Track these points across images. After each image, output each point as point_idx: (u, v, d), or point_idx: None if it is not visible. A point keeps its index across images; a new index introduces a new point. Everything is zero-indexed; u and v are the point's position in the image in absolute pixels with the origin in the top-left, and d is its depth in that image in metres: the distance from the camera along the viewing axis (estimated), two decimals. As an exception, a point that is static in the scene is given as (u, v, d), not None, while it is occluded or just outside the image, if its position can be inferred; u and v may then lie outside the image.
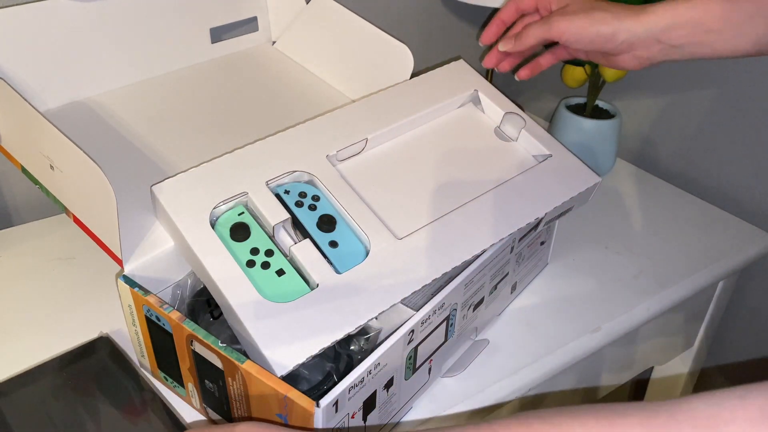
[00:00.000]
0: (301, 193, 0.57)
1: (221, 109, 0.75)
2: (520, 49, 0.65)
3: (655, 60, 0.60)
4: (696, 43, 0.57)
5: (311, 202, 0.57)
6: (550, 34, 0.62)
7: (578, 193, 0.62)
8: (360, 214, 0.56)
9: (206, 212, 0.54)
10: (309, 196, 0.57)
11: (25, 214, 0.86)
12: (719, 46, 0.57)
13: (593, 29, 0.60)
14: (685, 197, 0.92)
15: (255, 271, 0.52)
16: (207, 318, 0.57)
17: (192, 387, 0.56)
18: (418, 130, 0.65)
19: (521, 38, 0.64)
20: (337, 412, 0.47)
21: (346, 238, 0.56)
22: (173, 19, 0.78)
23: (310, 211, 0.57)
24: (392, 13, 1.05)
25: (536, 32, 0.63)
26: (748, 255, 0.82)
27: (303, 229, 0.56)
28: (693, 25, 0.56)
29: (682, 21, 0.57)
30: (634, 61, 0.61)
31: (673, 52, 0.59)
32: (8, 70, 0.68)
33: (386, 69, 0.73)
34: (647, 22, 0.58)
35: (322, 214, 0.56)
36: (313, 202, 0.57)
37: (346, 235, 0.56)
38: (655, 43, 0.58)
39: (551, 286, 0.75)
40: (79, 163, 0.54)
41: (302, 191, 0.58)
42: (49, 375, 0.58)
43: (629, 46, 0.60)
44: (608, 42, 0.60)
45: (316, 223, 0.56)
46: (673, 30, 0.57)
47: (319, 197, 0.58)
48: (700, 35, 0.57)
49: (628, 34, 0.59)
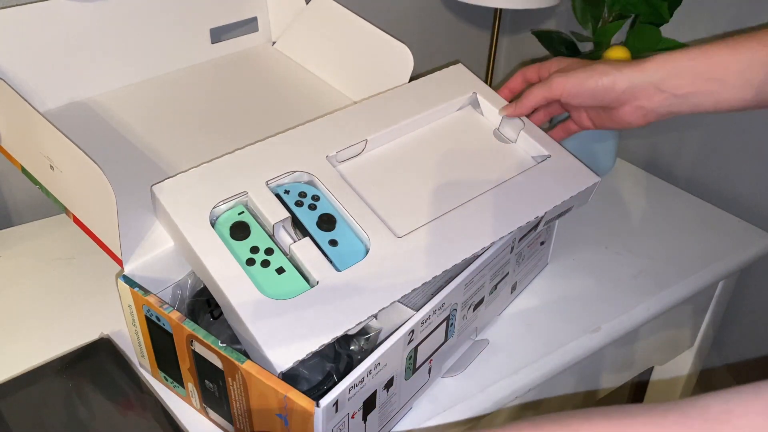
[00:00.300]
0: (301, 192, 0.57)
1: (221, 110, 0.75)
2: (522, 112, 0.64)
3: (660, 112, 0.59)
4: (699, 93, 0.56)
5: (311, 201, 0.57)
6: (550, 92, 0.61)
7: (577, 193, 0.62)
8: (360, 213, 0.56)
9: (206, 212, 0.54)
10: (309, 196, 0.57)
11: (25, 214, 0.86)
12: (723, 95, 0.56)
13: (592, 80, 0.59)
14: (685, 197, 0.92)
15: (255, 270, 0.52)
16: (207, 318, 0.57)
17: (192, 387, 0.56)
18: (417, 132, 0.65)
19: (522, 101, 0.64)
20: (337, 412, 0.47)
21: (345, 237, 0.56)
22: (173, 19, 0.78)
23: (309, 211, 0.56)
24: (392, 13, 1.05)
25: (536, 92, 0.62)
26: (748, 255, 0.82)
27: (303, 228, 0.56)
28: (694, 73, 0.56)
29: (682, 69, 0.56)
30: (638, 113, 0.60)
31: (677, 104, 0.58)
32: (8, 70, 0.68)
33: (386, 69, 0.73)
34: (647, 69, 0.57)
35: (321, 213, 0.56)
36: (312, 202, 0.57)
37: (345, 233, 0.56)
38: (657, 92, 0.58)
39: (551, 286, 0.74)
40: (79, 163, 0.54)
41: (302, 191, 0.58)
42: (49, 376, 0.58)
43: (631, 96, 0.59)
44: (608, 92, 0.59)
45: (316, 222, 0.56)
46: (674, 78, 0.57)
47: (319, 197, 0.58)
48: (702, 83, 0.56)
49: (628, 82, 0.58)
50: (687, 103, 0.57)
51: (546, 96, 0.62)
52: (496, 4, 0.89)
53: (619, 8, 0.84)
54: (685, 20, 0.87)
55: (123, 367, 0.59)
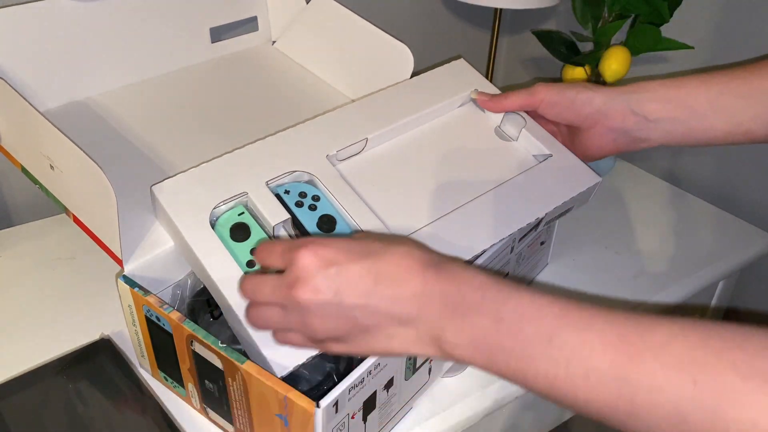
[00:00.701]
0: (301, 193, 0.57)
1: (221, 109, 0.75)
2: (496, 108, 0.64)
3: (631, 137, 0.60)
4: (671, 119, 0.58)
5: (311, 202, 0.57)
6: (531, 97, 0.62)
7: (578, 193, 0.62)
8: (360, 214, 0.56)
9: (206, 212, 0.54)
10: (309, 196, 0.57)
11: (25, 214, 0.86)
12: (693, 123, 0.57)
13: (572, 91, 0.60)
14: (685, 197, 0.92)
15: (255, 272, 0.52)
16: (207, 318, 0.57)
17: (192, 387, 0.56)
18: (418, 130, 0.65)
19: (501, 99, 0.64)
20: (337, 413, 0.47)
21: None
22: (173, 19, 0.78)
23: (310, 212, 0.56)
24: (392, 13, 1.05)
25: (517, 95, 0.63)
26: (748, 255, 0.82)
27: (303, 229, 0.56)
28: (667, 98, 0.57)
29: (657, 94, 0.58)
30: (609, 136, 0.60)
31: (649, 129, 0.59)
32: (8, 70, 0.68)
33: (386, 69, 0.73)
34: (624, 92, 0.59)
35: (322, 214, 0.56)
36: (313, 202, 0.57)
37: (345, 235, 0.56)
38: (631, 114, 0.59)
39: (551, 286, 0.74)
40: (79, 163, 0.54)
41: (302, 191, 0.57)
42: (49, 377, 0.58)
43: (604, 116, 0.59)
44: (585, 105, 0.59)
45: (316, 223, 0.56)
46: (649, 102, 0.58)
47: (320, 197, 0.58)
48: (673, 110, 0.57)
49: (605, 99, 0.59)
50: (659, 129, 0.58)
51: (525, 101, 0.62)
52: (496, 4, 0.89)
53: (619, 8, 0.84)
54: (685, 20, 0.87)
55: (123, 368, 0.59)
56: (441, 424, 0.59)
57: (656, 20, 0.82)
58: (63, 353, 0.60)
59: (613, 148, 0.61)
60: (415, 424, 0.59)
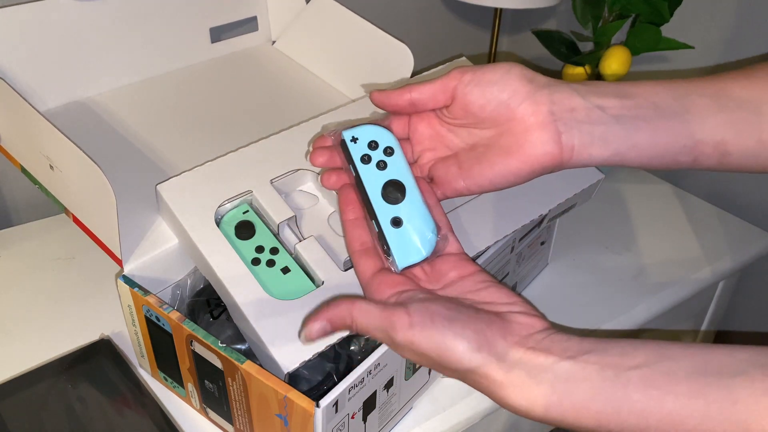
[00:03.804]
0: (371, 143, 0.47)
1: (221, 109, 0.75)
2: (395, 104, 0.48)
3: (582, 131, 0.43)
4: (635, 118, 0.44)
5: (382, 157, 0.47)
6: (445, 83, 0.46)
7: (581, 190, 0.62)
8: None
9: (211, 211, 0.54)
10: (381, 148, 0.47)
11: (25, 214, 0.86)
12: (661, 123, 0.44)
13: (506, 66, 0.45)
14: (685, 197, 0.92)
15: (260, 269, 0.52)
16: (207, 318, 0.57)
17: (192, 387, 0.56)
18: None
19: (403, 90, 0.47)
20: (337, 413, 0.47)
21: (413, 218, 0.46)
22: (173, 19, 0.78)
23: (378, 171, 0.46)
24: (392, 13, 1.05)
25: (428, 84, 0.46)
26: (748, 255, 0.82)
27: (365, 195, 0.46)
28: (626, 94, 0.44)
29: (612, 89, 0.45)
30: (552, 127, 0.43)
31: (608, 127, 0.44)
32: (8, 70, 0.68)
33: (386, 69, 0.73)
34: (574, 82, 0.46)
35: (390, 179, 0.46)
36: (384, 158, 0.46)
37: (414, 212, 0.46)
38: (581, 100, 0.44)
39: (551, 286, 0.74)
40: (79, 163, 0.54)
41: (373, 140, 0.47)
42: (49, 377, 0.58)
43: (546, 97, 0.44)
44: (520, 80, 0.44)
45: (381, 192, 0.46)
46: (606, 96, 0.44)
47: (393, 151, 0.47)
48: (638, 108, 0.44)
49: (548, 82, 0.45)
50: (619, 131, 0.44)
51: (437, 89, 0.46)
52: (496, 3, 0.89)
53: (619, 8, 0.84)
54: (685, 20, 0.87)
55: (123, 369, 0.59)
56: (441, 424, 0.59)
57: (656, 20, 0.82)
58: (63, 353, 0.60)
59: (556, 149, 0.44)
60: (415, 424, 0.59)
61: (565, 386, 0.37)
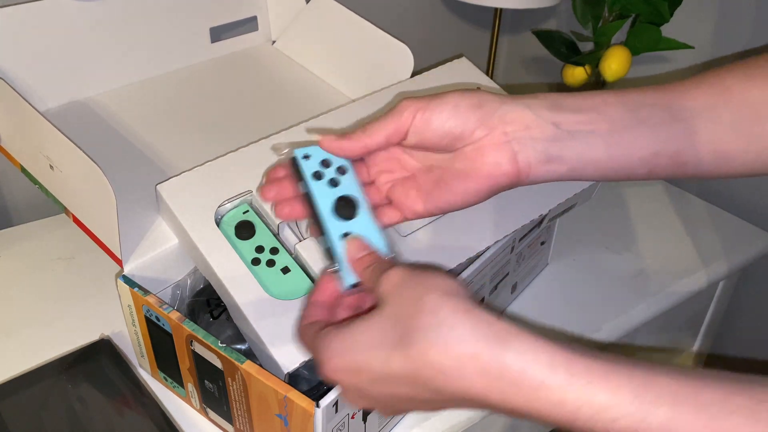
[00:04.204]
0: (324, 161, 0.47)
1: (221, 109, 0.75)
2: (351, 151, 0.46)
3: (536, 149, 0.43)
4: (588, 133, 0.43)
5: (335, 175, 0.47)
6: (401, 114, 0.45)
7: (581, 190, 0.62)
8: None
9: (211, 211, 0.54)
10: (333, 167, 0.47)
11: (25, 214, 0.86)
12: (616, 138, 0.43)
13: (457, 95, 0.45)
14: (685, 197, 0.92)
15: (260, 269, 0.52)
16: (207, 318, 0.57)
17: (192, 387, 0.56)
18: None
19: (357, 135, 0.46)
20: (337, 413, 0.47)
21: (366, 233, 0.46)
22: (173, 19, 0.78)
23: (329, 188, 0.46)
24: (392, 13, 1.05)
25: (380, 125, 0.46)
26: (748, 255, 0.82)
27: (315, 211, 0.46)
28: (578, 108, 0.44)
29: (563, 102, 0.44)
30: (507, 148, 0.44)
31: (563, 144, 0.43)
32: (8, 70, 0.68)
33: (386, 69, 0.73)
34: (525, 97, 0.45)
35: (343, 195, 0.46)
36: (337, 176, 0.47)
37: (367, 227, 0.46)
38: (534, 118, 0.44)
39: (551, 286, 0.74)
40: (79, 163, 0.54)
41: (326, 159, 0.47)
42: (49, 377, 0.58)
43: (500, 120, 0.44)
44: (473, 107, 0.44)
45: (333, 206, 0.46)
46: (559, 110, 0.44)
47: (346, 170, 0.47)
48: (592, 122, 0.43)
49: (500, 102, 0.44)
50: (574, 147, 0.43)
51: (392, 122, 0.45)
52: (496, 3, 0.89)
53: (619, 8, 0.84)
54: (685, 20, 0.87)
55: (123, 369, 0.59)
56: (441, 424, 0.59)
57: (656, 20, 0.82)
58: (62, 353, 0.60)
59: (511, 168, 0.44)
60: (415, 424, 0.59)
61: None
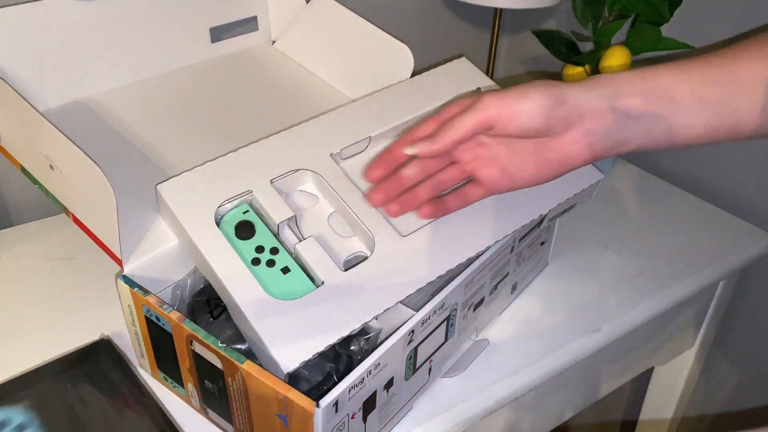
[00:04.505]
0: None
1: (221, 109, 0.75)
2: (442, 148, 0.50)
3: (610, 139, 0.49)
4: (653, 115, 0.49)
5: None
6: (483, 114, 0.49)
7: (581, 190, 0.62)
8: (364, 212, 0.56)
9: (211, 211, 0.54)
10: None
11: (25, 214, 0.86)
12: (677, 120, 0.49)
13: (539, 92, 0.48)
14: (685, 197, 0.92)
15: (260, 269, 0.52)
16: (207, 318, 0.57)
17: (192, 387, 0.56)
18: None
19: (444, 132, 0.50)
20: (337, 413, 0.47)
21: None
22: (173, 19, 0.78)
23: None
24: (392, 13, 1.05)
25: (463, 120, 0.49)
26: (748, 255, 0.82)
27: None
28: (646, 91, 0.49)
29: (634, 87, 0.49)
30: (584, 141, 0.49)
31: (629, 128, 0.49)
32: (8, 70, 0.68)
33: (386, 69, 0.73)
34: (596, 86, 0.49)
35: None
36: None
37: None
38: (609, 111, 0.49)
39: (551, 286, 0.74)
40: (79, 163, 0.54)
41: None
42: (49, 377, 0.58)
43: (579, 116, 0.49)
44: (556, 106, 0.48)
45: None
46: (627, 96, 0.49)
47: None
48: (654, 103, 0.49)
49: (578, 96, 0.49)
50: (639, 128, 0.49)
51: (478, 120, 0.49)
52: (496, 3, 0.89)
53: (619, 8, 0.84)
54: (685, 20, 0.87)
55: (123, 369, 0.59)
56: (441, 425, 0.59)
57: (656, 20, 0.82)
58: (63, 353, 0.60)
59: (588, 155, 0.50)
60: (415, 424, 0.59)
61: None
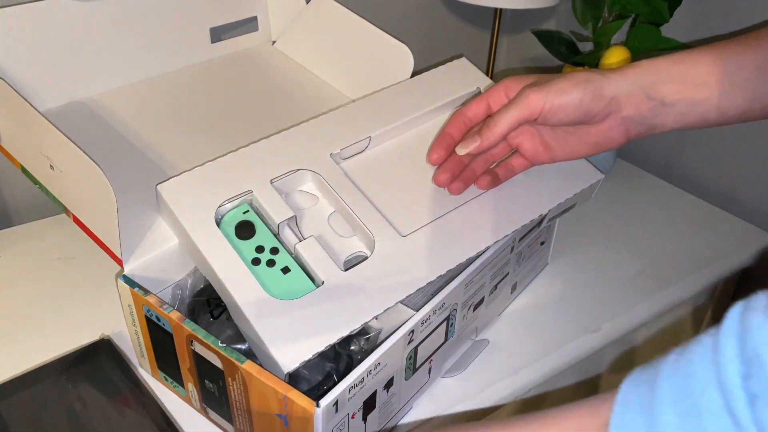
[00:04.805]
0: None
1: (221, 109, 0.75)
2: (490, 143, 0.54)
3: (645, 124, 0.53)
4: (688, 101, 0.52)
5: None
6: (527, 109, 0.52)
7: (581, 190, 0.62)
8: (364, 212, 0.56)
9: (211, 211, 0.54)
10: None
11: (25, 214, 0.86)
12: (712, 103, 0.52)
13: (579, 88, 0.52)
14: (685, 197, 0.92)
15: (260, 269, 0.52)
16: (207, 318, 0.57)
17: (192, 387, 0.56)
18: (421, 128, 0.65)
19: (490, 129, 0.54)
20: (337, 413, 0.47)
21: None
22: (173, 18, 0.78)
23: None
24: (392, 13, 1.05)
25: (509, 114, 0.53)
26: (748, 255, 0.82)
27: None
28: (682, 77, 0.52)
29: (669, 74, 0.52)
30: (621, 127, 0.54)
31: (664, 114, 0.53)
32: (8, 70, 0.68)
33: (386, 69, 0.73)
34: (634, 74, 0.52)
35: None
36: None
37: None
38: (645, 99, 0.52)
39: (551, 286, 0.74)
40: (79, 163, 0.54)
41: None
42: (49, 377, 0.58)
43: (616, 106, 0.53)
44: (595, 101, 0.52)
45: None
46: (663, 84, 0.52)
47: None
48: (691, 90, 0.52)
49: (616, 88, 0.52)
50: (674, 112, 0.52)
51: (521, 116, 0.53)
52: (496, 3, 0.89)
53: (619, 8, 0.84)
54: (685, 20, 0.87)
55: (123, 369, 0.59)
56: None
57: (656, 20, 0.82)
58: (63, 353, 0.60)
59: (625, 139, 0.54)
60: (415, 424, 0.59)
61: None
